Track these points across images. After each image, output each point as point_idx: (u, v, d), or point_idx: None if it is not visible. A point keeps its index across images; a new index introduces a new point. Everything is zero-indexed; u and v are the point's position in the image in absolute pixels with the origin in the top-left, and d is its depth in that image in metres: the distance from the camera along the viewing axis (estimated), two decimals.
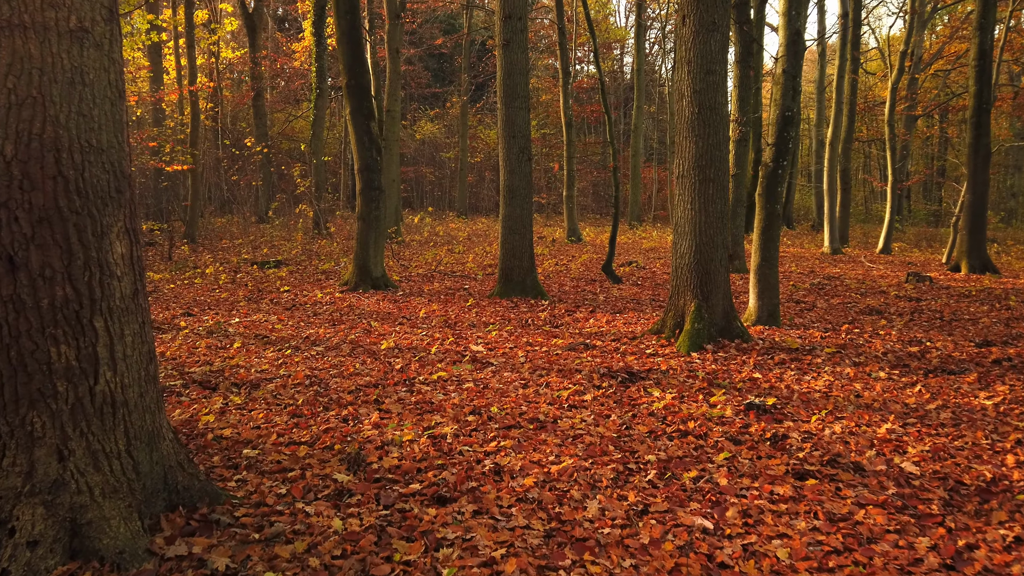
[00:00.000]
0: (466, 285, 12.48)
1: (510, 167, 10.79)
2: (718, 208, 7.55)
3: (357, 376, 6.30)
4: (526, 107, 10.78)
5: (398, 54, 20.33)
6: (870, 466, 4.25)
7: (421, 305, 10.36)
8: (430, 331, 8.52)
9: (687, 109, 7.58)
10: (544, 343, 7.83)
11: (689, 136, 7.56)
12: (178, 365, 6.65)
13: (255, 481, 3.90)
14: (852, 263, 17.31)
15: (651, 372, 6.42)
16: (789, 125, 8.54)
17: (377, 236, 11.64)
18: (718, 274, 7.57)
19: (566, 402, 5.53)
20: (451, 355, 7.18)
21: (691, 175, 7.56)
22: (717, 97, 7.51)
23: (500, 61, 10.75)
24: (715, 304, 7.57)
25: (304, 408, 5.32)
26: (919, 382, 6.24)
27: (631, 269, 15.28)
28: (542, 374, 6.42)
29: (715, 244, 7.55)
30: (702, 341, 7.34)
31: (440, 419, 5.08)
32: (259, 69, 26.00)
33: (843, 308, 10.36)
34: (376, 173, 11.54)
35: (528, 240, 10.93)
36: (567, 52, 21.64)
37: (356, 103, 11.40)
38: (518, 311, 9.93)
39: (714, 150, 7.51)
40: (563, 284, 12.84)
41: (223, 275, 13.12)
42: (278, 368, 6.62)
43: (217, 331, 8.34)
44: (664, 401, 5.51)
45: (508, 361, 6.95)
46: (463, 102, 29.87)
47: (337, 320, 9.22)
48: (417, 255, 17.24)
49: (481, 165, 35.09)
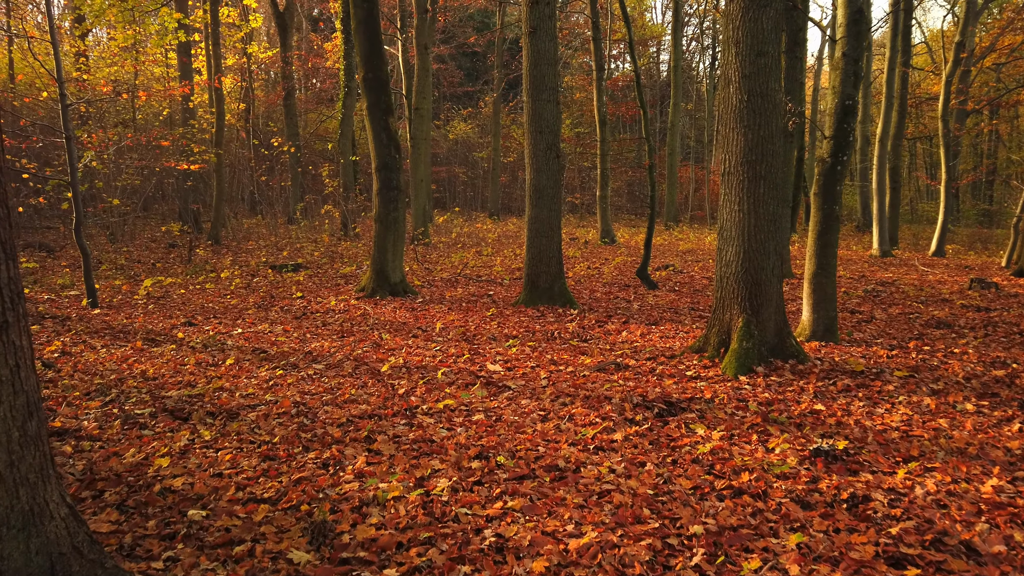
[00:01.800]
0: (491, 291, 11.54)
1: (537, 165, 9.83)
2: (770, 210, 6.50)
3: (352, 404, 5.40)
4: (554, 99, 9.80)
5: (427, 50, 19.49)
6: (985, 547, 3.21)
7: (439, 314, 9.45)
8: (445, 345, 7.60)
9: (734, 96, 6.54)
10: (570, 361, 6.86)
11: (737, 127, 6.52)
12: (156, 387, 5.83)
13: (189, 560, 3.01)
14: (905, 267, 15.99)
15: (693, 401, 5.41)
16: (849, 115, 7.44)
17: (396, 239, 10.77)
18: (769, 285, 6.52)
19: (592, 442, 4.56)
20: (464, 376, 6.25)
21: (739, 172, 6.52)
22: (769, 82, 6.46)
23: (527, 50, 9.79)
24: (766, 319, 6.52)
25: (281, 447, 4.44)
26: (1016, 417, 5.13)
27: (668, 273, 14.20)
28: (566, 402, 5.45)
29: (766, 251, 6.50)
30: (751, 362, 6.30)
31: (438, 464, 4.15)
32: (290, 68, 25.39)
33: (905, 320, 9.19)
34: (395, 172, 10.67)
35: (556, 244, 9.95)
36: (601, 46, 20.58)
37: (374, 97, 10.53)
38: (544, 321, 8.97)
39: (765, 143, 6.46)
40: (594, 290, 11.83)
41: (236, 279, 12.38)
42: (266, 391, 5.76)
43: (213, 345, 7.53)
44: (711, 443, 4.50)
45: (528, 384, 6.00)
46: (495, 100, 28.94)
47: (346, 331, 8.36)
48: (444, 257, 16.36)
49: (514, 165, 34.14)
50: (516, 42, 33.88)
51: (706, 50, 35.43)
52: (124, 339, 7.82)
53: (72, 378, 6.06)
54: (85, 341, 7.62)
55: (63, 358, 6.83)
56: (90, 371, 6.31)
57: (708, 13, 33.73)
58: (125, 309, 9.69)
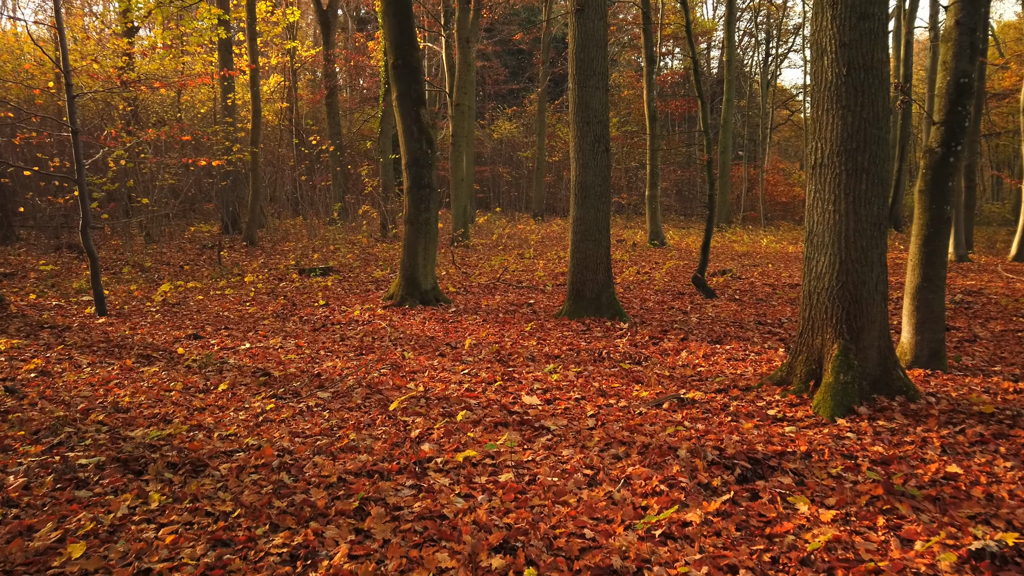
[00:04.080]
0: (531, 299, 10.32)
1: (583, 160, 8.57)
2: (874, 210, 5.14)
3: (350, 454, 4.24)
4: (603, 86, 8.53)
5: (468, 44, 18.36)
6: None
7: (472, 327, 8.27)
8: (475, 367, 6.41)
9: (830, 71, 5.20)
10: (622, 392, 5.60)
11: (833, 108, 5.18)
12: (124, 423, 4.76)
13: None
14: (987, 273, 14.25)
15: (785, 458, 4.11)
16: (964, 96, 6.01)
17: (427, 243, 9.64)
18: (872, 304, 5.16)
19: (656, 526, 3.31)
20: (493, 411, 5.05)
21: (834, 163, 5.18)
22: (875, 52, 5.10)
23: (573, 31, 8.54)
24: (867, 345, 5.17)
25: (243, 524, 3.29)
26: None
27: (725, 280, 12.78)
28: (618, 454, 4.20)
29: (869, 261, 5.15)
30: (851, 400, 4.96)
31: (446, 560, 2.96)
32: (332, 67, 24.57)
33: (1015, 339, 7.68)
34: (426, 169, 9.53)
35: (604, 248, 8.68)
36: (651, 37, 19.16)
37: (404, 87, 9.41)
38: (590, 337, 7.72)
39: (870, 127, 5.10)
40: (645, 299, 10.52)
41: (259, 284, 11.40)
42: (251, 431, 4.65)
43: (211, 364, 6.47)
44: (821, 530, 3.22)
45: (571, 425, 4.77)
46: (540, 96, 27.68)
47: (366, 347, 7.24)
48: (483, 260, 15.19)
49: (559, 164, 32.80)
50: (563, 39, 32.56)
51: (760, 44, 33.56)
52: (117, 354, 6.83)
53: (33, 408, 5.04)
54: (72, 357, 6.64)
55: (38, 379, 5.84)
56: (57, 398, 5.30)
57: (762, 7, 31.91)
58: (133, 317, 8.75)
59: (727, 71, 25.39)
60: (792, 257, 17.48)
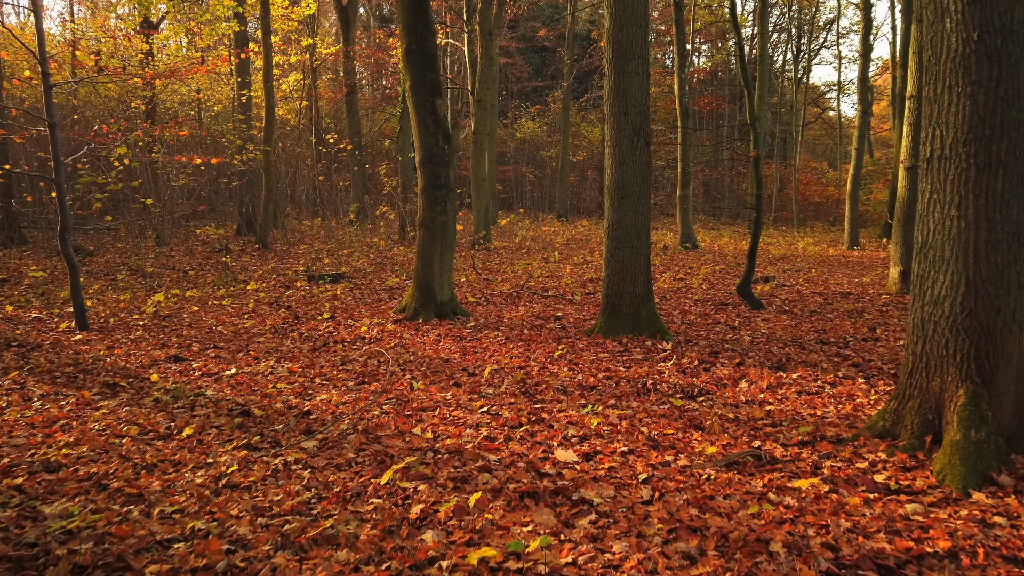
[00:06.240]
0: (559, 311, 9.13)
1: (620, 156, 7.36)
2: (1012, 216, 3.89)
3: (327, 546, 3.08)
4: (644, 71, 7.31)
5: (491, 37, 17.19)
6: None
7: (494, 347, 7.10)
8: (496, 403, 5.24)
9: (953, 35, 3.95)
10: (679, 442, 4.39)
11: (958, 85, 3.93)
12: (48, 489, 3.65)
13: None
14: None
15: (925, 563, 2.89)
16: None
17: (444, 249, 8.48)
18: (1008, 337, 3.91)
19: None
20: (519, 473, 3.87)
21: (959, 155, 3.93)
22: (1017, 10, 3.85)
23: (609, 9, 7.33)
24: (1002, 391, 3.92)
25: None
26: None
27: (771, 288, 11.49)
28: (690, 554, 3.00)
29: (1005, 282, 3.90)
30: (987, 466, 3.71)
31: None
32: (352, 64, 23.51)
33: None
34: (443, 167, 8.38)
35: (644, 257, 7.46)
36: (683, 28, 17.86)
37: (418, 74, 8.26)
38: (629, 361, 6.51)
39: (1009, 108, 3.84)
40: (686, 311, 9.28)
41: (263, 293, 10.32)
42: (204, 505, 3.51)
43: (183, 397, 5.37)
44: None
45: (620, 497, 3.58)
46: (565, 92, 26.40)
47: (370, 373, 6.10)
48: (505, 265, 14.02)
49: (583, 164, 31.50)
50: (587, 36, 31.27)
51: (791, 40, 32.00)
52: (80, 382, 5.76)
53: None
54: (23, 387, 5.58)
55: None
56: None
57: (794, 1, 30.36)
58: (116, 332, 7.71)
59: (760, 65, 23.92)
60: (835, 261, 16.09)
